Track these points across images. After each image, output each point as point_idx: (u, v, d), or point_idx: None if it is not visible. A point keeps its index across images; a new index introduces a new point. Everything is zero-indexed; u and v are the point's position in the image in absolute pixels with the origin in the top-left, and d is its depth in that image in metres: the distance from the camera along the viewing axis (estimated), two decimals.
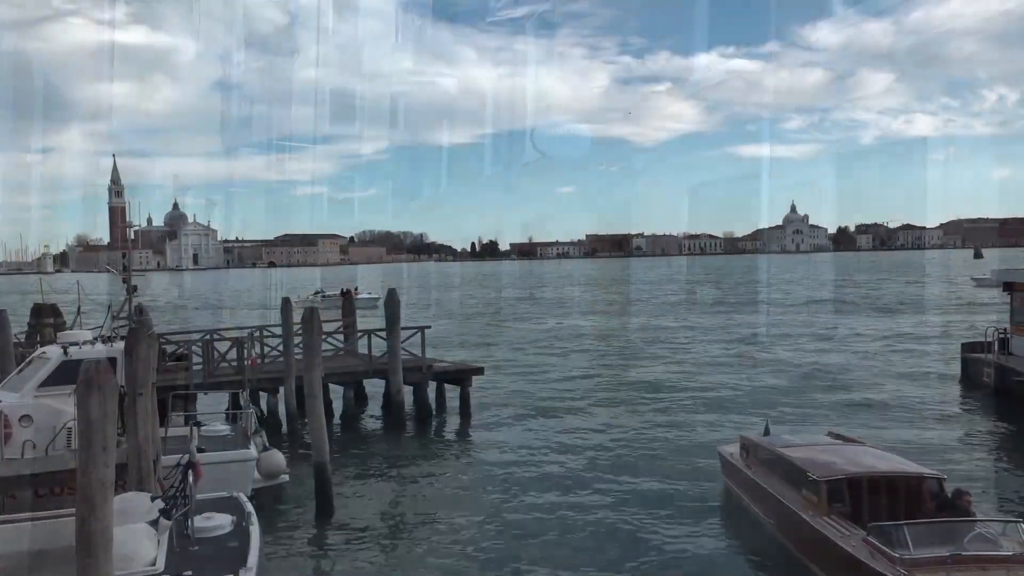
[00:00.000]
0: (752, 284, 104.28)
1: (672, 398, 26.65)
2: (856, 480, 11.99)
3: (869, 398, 26.27)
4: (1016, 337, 25.90)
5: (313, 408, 15.89)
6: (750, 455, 14.91)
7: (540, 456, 19.56)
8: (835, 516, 11.48)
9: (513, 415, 24.57)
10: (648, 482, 17.07)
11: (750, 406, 24.90)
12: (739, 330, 48.58)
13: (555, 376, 32.34)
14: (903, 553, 9.66)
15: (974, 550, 9.59)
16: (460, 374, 24.96)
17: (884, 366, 32.71)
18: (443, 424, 23.76)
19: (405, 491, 17.20)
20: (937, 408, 24.50)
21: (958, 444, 20.19)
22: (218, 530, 10.27)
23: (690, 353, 38.23)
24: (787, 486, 12.95)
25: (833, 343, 40.65)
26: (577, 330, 51.37)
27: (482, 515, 15.27)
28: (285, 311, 23.96)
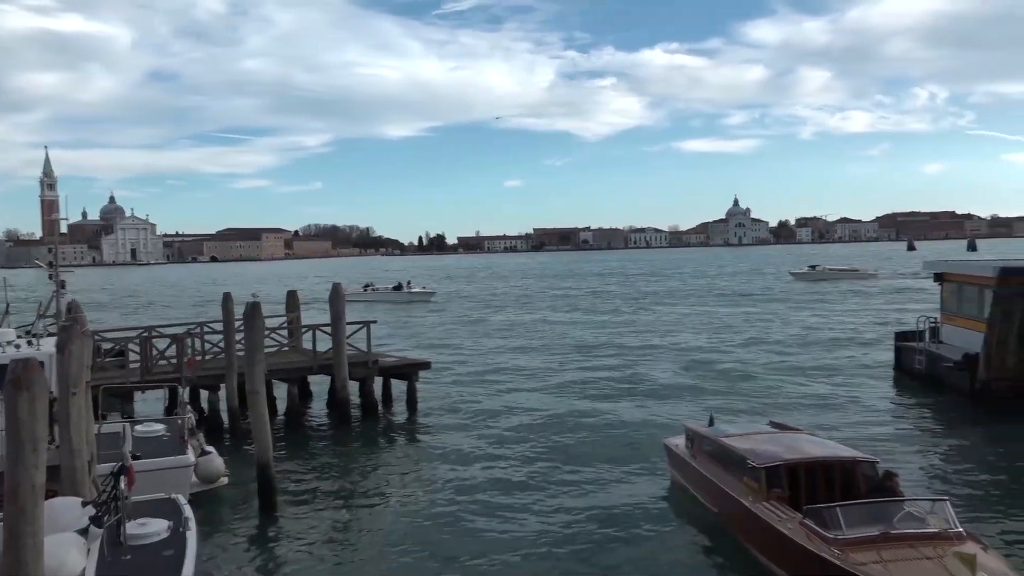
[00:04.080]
0: (695, 277, 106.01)
1: (617, 390, 26.93)
2: (793, 466, 12.34)
3: (809, 387, 26.99)
4: (945, 326, 26.87)
5: (255, 405, 15.61)
6: (695, 445, 15.19)
7: (486, 450, 19.58)
8: (774, 501, 11.78)
9: (460, 409, 24.53)
10: (594, 473, 17.25)
11: (694, 398, 25.35)
12: (685, 322, 49.38)
13: (501, 370, 32.39)
14: (837, 533, 9.99)
15: (903, 528, 9.98)
16: (406, 368, 24.79)
17: (823, 356, 33.61)
18: (390, 419, 23.59)
19: (351, 488, 17.02)
20: (872, 395, 25.30)
21: (891, 428, 20.88)
22: (153, 536, 9.86)
23: (636, 346, 38.67)
24: (729, 474, 13.24)
25: (773, 334, 41.62)
26: (523, 324, 51.54)
27: (429, 510, 15.23)
28: (226, 307, 23.44)
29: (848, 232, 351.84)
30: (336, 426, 22.54)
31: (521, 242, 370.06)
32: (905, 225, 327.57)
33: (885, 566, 9.25)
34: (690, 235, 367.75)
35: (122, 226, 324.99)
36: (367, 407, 23.50)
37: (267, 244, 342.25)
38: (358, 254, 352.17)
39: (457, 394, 26.94)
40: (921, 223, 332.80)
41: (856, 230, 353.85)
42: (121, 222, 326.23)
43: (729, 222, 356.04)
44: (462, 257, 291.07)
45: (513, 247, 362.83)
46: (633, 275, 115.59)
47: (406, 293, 73.58)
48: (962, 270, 27.17)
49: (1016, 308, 21.67)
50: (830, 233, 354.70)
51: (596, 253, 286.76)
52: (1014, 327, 21.64)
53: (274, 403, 23.12)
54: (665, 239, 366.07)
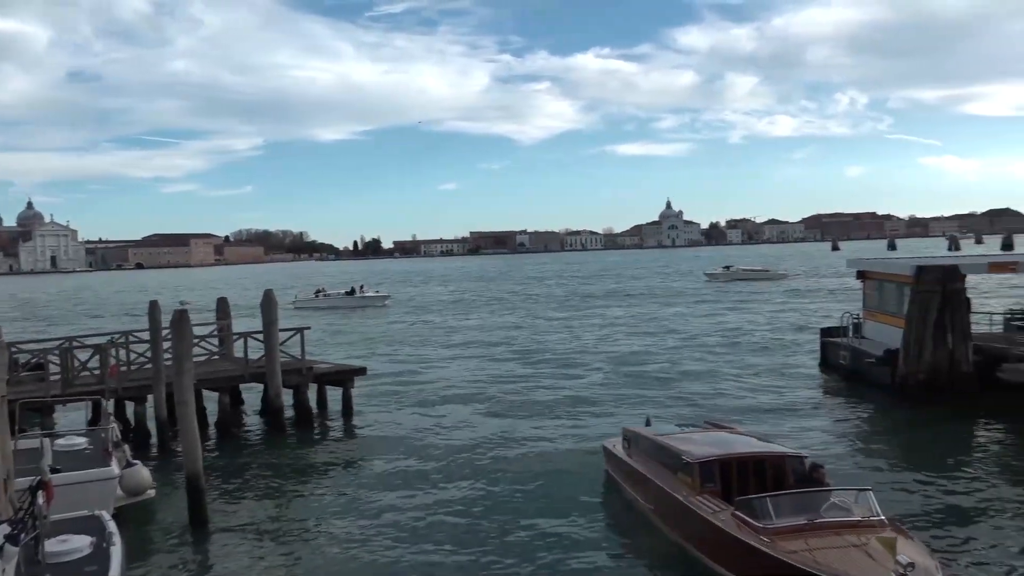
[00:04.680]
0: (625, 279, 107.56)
1: (554, 395, 26.94)
2: (726, 461, 12.64)
3: (740, 385, 27.66)
4: (867, 322, 27.92)
5: (184, 416, 15.15)
6: (632, 446, 15.40)
7: (424, 455, 19.44)
8: (707, 495, 12.06)
9: (397, 415, 24.33)
10: (532, 476, 17.26)
11: (630, 400, 25.61)
12: (617, 324, 50.05)
13: (439, 374, 32.25)
14: (767, 523, 10.33)
15: (829, 517, 10.40)
16: (342, 375, 24.45)
17: (751, 355, 34.51)
18: (325, 427, 23.23)
19: (285, 498, 16.69)
20: (800, 390, 26.11)
21: (818, 422, 21.59)
22: (74, 554, 9.48)
23: (570, 350, 38.98)
24: (665, 471, 13.47)
25: (701, 334, 42.54)
26: (460, 328, 51.45)
27: (365, 518, 15.03)
28: (153, 315, 22.72)
29: (776, 233, 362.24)
30: (269, 435, 22.07)
31: (458, 245, 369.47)
32: (829, 226, 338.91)
33: (812, 552, 9.61)
34: (625, 237, 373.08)
35: (41, 232, 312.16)
36: (301, 415, 23.09)
37: (196, 250, 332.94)
38: (292, 259, 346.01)
39: (395, 399, 26.71)
40: (844, 223, 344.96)
41: (784, 231, 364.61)
42: (40, 228, 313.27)
43: (662, 224, 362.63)
44: (398, 261, 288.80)
45: (450, 251, 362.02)
46: (568, 277, 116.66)
47: (359, 298, 73.08)
48: (882, 268, 28.28)
49: (932, 304, 22.62)
50: (759, 234, 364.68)
51: (533, 256, 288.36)
52: (930, 323, 22.59)
53: (204, 413, 22.52)
54: (600, 241, 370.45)
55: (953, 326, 22.58)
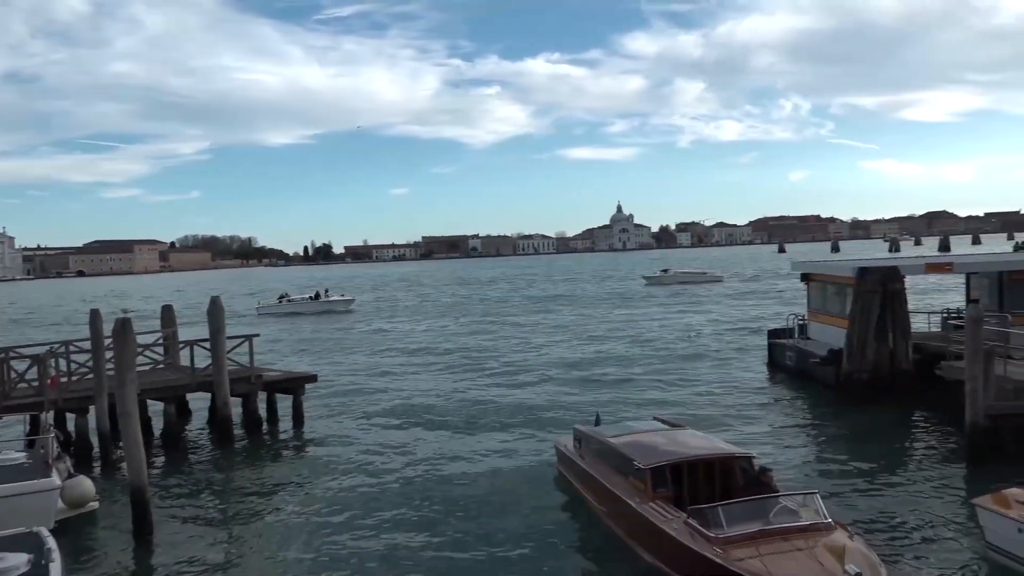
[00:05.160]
0: (577, 282, 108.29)
1: (506, 396, 27.09)
2: (677, 466, 12.77)
3: (690, 384, 28.07)
4: (812, 323, 28.60)
5: (127, 427, 14.74)
6: (582, 446, 15.47)
7: (375, 462, 19.25)
8: (659, 501, 12.15)
9: (348, 422, 24.07)
10: (484, 478, 17.29)
11: (581, 399, 25.80)
12: (567, 326, 50.32)
13: (392, 379, 32.03)
14: (718, 532, 10.46)
15: (779, 523, 10.55)
16: (292, 382, 24.10)
17: (701, 355, 35.03)
18: (275, 436, 22.86)
19: (232, 509, 16.35)
20: (748, 390, 26.58)
21: (766, 421, 22.01)
22: (11, 572, 9.16)
23: (520, 352, 39.08)
24: (616, 474, 13.55)
25: (652, 334, 43.06)
26: (414, 332, 51.17)
27: (315, 527, 14.82)
28: (94, 324, 22.06)
29: (725, 236, 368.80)
30: (217, 445, 21.62)
31: (410, 250, 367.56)
32: (776, 228, 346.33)
33: (762, 560, 9.75)
34: (576, 241, 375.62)
35: None
36: (250, 424, 22.67)
37: (140, 257, 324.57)
38: (240, 265, 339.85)
39: (347, 406, 26.43)
40: (790, 226, 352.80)
41: (732, 234, 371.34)
42: None
43: (613, 228, 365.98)
44: (350, 267, 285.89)
45: (402, 255, 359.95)
46: (519, 281, 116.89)
47: (324, 302, 72.42)
48: (825, 271, 29.01)
49: (874, 304, 23.27)
50: (708, 237, 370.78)
51: (485, 260, 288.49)
52: (872, 323, 23.22)
53: (149, 424, 21.96)
54: (552, 245, 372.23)
55: (894, 326, 23.26)
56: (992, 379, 16.67)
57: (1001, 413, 16.56)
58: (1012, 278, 25.47)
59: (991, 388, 16.59)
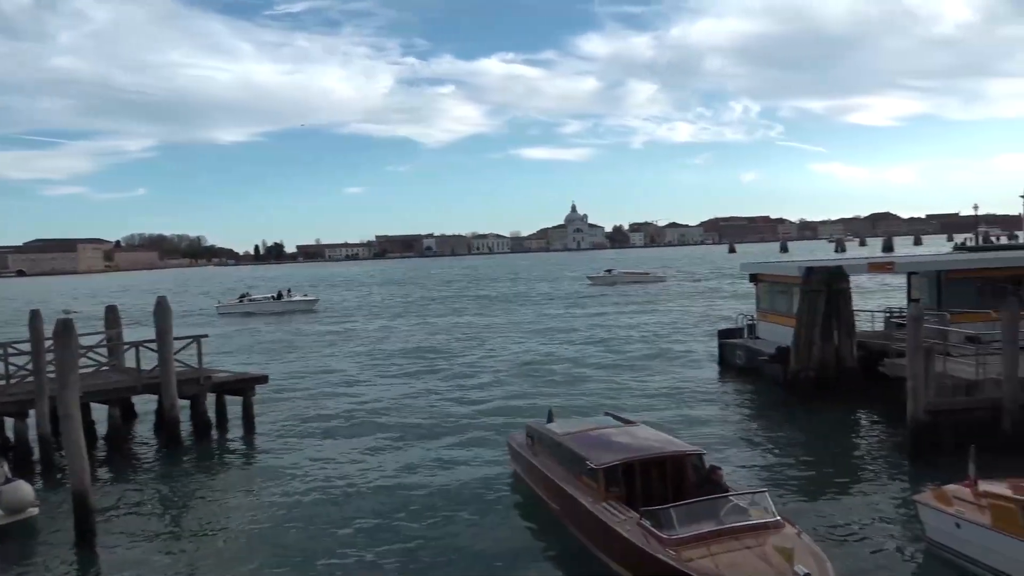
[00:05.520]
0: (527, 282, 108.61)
1: (458, 394, 27.06)
2: (629, 465, 12.86)
3: (642, 382, 28.37)
4: (761, 322, 29.14)
5: (69, 431, 14.33)
6: (535, 443, 15.51)
7: (327, 464, 19.04)
8: (612, 500, 12.23)
9: (299, 423, 23.75)
10: (437, 479, 17.21)
11: (534, 397, 25.84)
12: (518, 326, 50.44)
13: (345, 378, 31.74)
14: (670, 533, 10.58)
15: (729, 522, 10.72)
16: (242, 384, 23.68)
17: (654, 352, 35.41)
18: (224, 438, 22.43)
19: (180, 515, 16.01)
20: (699, 388, 26.98)
21: (716, 419, 22.38)
22: None
23: (473, 351, 39.05)
24: (569, 473, 13.61)
25: (606, 332, 43.41)
26: (367, 333, 50.74)
27: (264, 530, 14.61)
28: (34, 325, 21.38)
29: (677, 236, 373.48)
30: (164, 448, 21.14)
31: (363, 250, 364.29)
32: (726, 229, 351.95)
33: (714, 560, 9.91)
34: (531, 241, 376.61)
35: None
36: (199, 427, 22.22)
37: (84, 256, 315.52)
38: (188, 265, 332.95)
39: (299, 407, 26.11)
40: (740, 227, 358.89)
41: (684, 234, 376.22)
42: None
43: (568, 228, 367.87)
44: (302, 266, 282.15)
45: (355, 255, 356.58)
46: (471, 281, 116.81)
47: (287, 302, 71.45)
48: (773, 271, 29.60)
49: (820, 303, 23.81)
50: (661, 237, 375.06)
51: (440, 260, 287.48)
52: (818, 321, 23.76)
53: (92, 427, 21.41)
54: (507, 245, 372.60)
55: (839, 324, 23.83)
56: (932, 376, 17.19)
57: (940, 409, 17.09)
58: (950, 277, 26.31)
59: (931, 385, 17.10)
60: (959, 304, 24.33)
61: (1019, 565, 10.47)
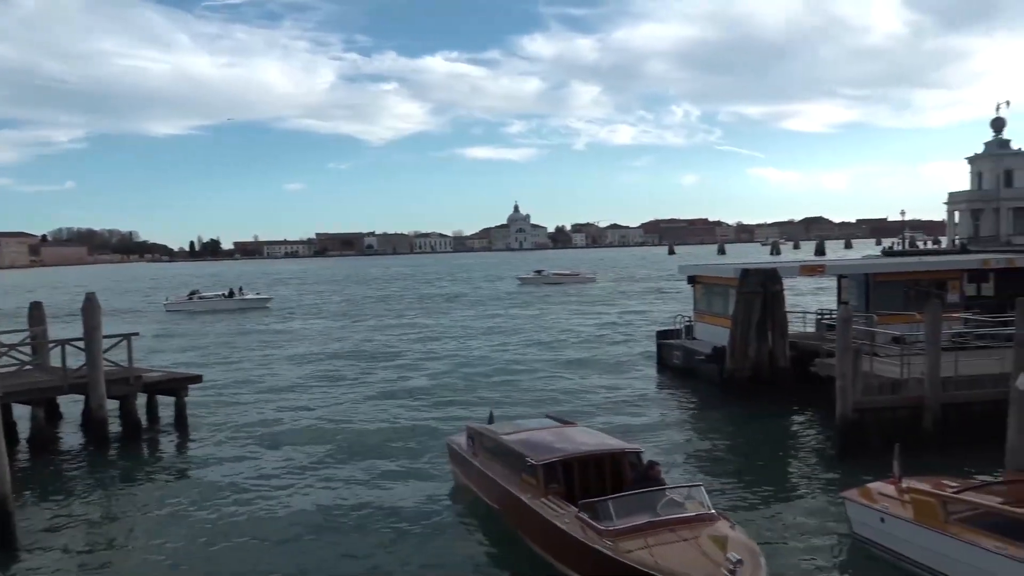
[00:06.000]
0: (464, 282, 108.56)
1: (397, 395, 26.80)
2: (568, 462, 12.98)
3: (582, 382, 28.61)
4: (698, 323, 29.67)
5: None
6: (476, 444, 15.49)
7: (262, 466, 18.66)
8: (552, 496, 12.32)
9: (236, 425, 23.20)
10: (376, 479, 17.08)
11: (475, 399, 25.86)
12: (459, 324, 50.37)
13: (284, 380, 31.15)
14: (608, 525, 10.73)
15: (665, 515, 10.94)
16: (174, 383, 23.07)
17: (594, 353, 35.76)
18: (155, 440, 21.79)
19: (106, 519, 15.46)
20: (638, 388, 27.37)
21: (655, 418, 22.73)
22: None
23: (412, 351, 38.83)
24: (509, 471, 13.65)
25: (549, 332, 43.68)
26: (306, 333, 49.95)
27: (196, 536, 14.22)
28: None
29: (618, 237, 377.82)
30: (91, 450, 20.44)
31: (303, 247, 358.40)
32: (666, 231, 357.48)
33: (650, 551, 10.10)
34: (474, 240, 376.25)
35: None
36: (129, 427, 21.55)
37: (8, 251, 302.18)
38: (120, 261, 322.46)
39: (235, 407, 25.54)
40: (680, 229, 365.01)
41: (625, 235, 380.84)
42: None
43: (510, 228, 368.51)
44: (240, 263, 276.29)
45: (295, 252, 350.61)
46: (414, 279, 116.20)
47: (239, 300, 69.81)
48: (710, 273, 30.15)
49: (755, 304, 24.39)
50: (602, 238, 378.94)
51: (381, 258, 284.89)
52: (753, 322, 24.33)
53: (13, 428, 20.58)
54: (450, 244, 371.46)
55: (773, 325, 24.46)
56: (859, 375, 17.76)
57: (867, 407, 17.67)
58: (877, 280, 27.26)
59: (859, 383, 17.67)
60: (886, 306, 25.21)
61: (939, 557, 10.90)
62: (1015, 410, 13.67)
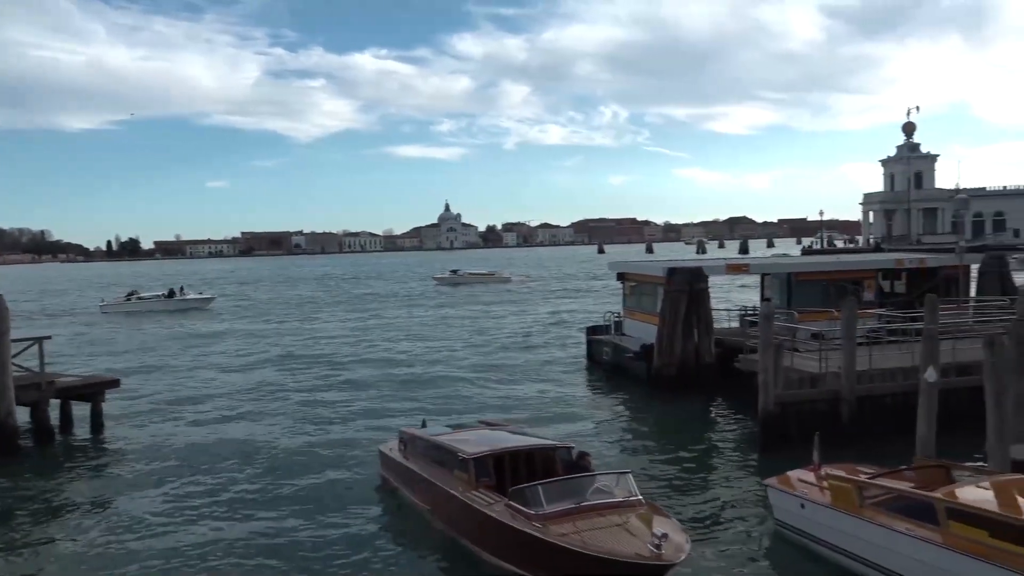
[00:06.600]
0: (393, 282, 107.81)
1: (326, 403, 25.93)
2: (499, 456, 13.07)
3: (512, 379, 28.72)
4: (627, 320, 30.14)
5: None
6: (408, 447, 15.39)
7: (185, 474, 18.00)
8: (483, 489, 12.37)
9: (157, 430, 22.41)
10: (305, 489, 16.58)
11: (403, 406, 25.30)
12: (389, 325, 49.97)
13: (208, 382, 30.29)
14: (538, 510, 10.94)
15: (594, 500, 11.23)
16: (90, 388, 22.12)
17: (525, 350, 35.95)
18: (69, 448, 20.83)
19: (14, 533, 14.67)
20: (568, 384, 27.66)
21: (585, 414, 23.02)
22: None
23: (334, 355, 38.26)
24: (441, 469, 13.63)
25: (477, 333, 43.68)
26: (222, 334, 48.69)
27: (114, 548, 13.67)
28: None
29: (548, 237, 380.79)
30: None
31: (228, 246, 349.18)
32: (596, 230, 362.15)
33: (579, 534, 10.39)
34: (404, 239, 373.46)
35: None
36: (41, 435, 20.62)
37: None
38: (31, 261, 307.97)
39: (157, 413, 24.62)
40: (609, 228, 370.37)
41: (555, 235, 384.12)
42: None
43: (441, 227, 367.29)
44: (161, 263, 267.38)
45: (219, 251, 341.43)
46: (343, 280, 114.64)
47: (179, 300, 67.62)
48: (639, 270, 30.67)
49: (682, 302, 24.91)
50: (533, 237, 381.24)
51: (309, 258, 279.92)
52: (680, 320, 24.86)
53: None
54: (380, 243, 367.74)
55: (699, 322, 25.03)
56: (781, 370, 18.34)
57: (788, 401, 18.27)
58: (798, 278, 28.23)
59: (780, 378, 18.25)
60: (806, 303, 26.11)
61: (855, 540, 11.36)
62: (924, 401, 14.38)
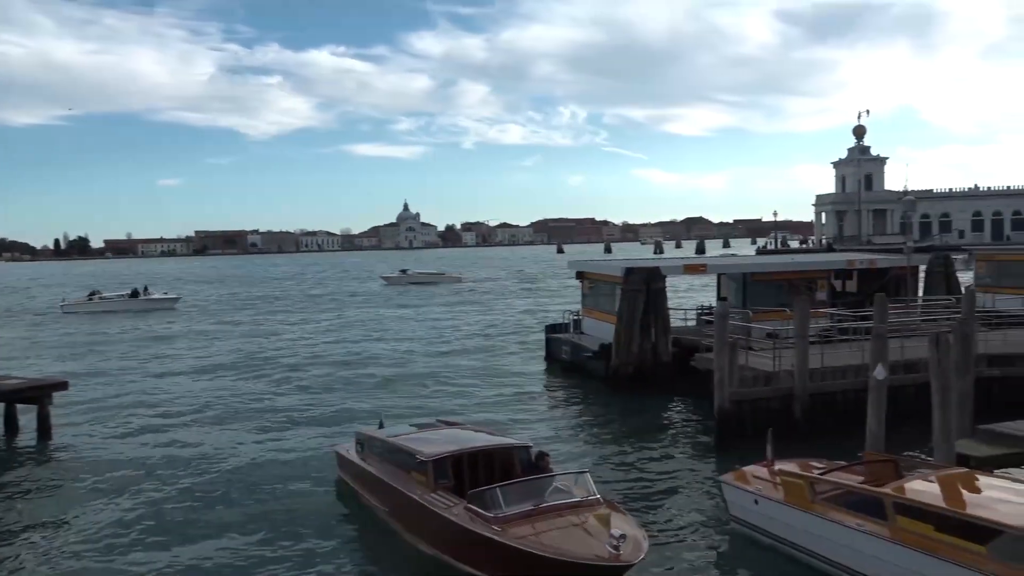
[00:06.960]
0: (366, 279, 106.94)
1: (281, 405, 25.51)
2: (458, 457, 13.01)
3: (470, 378, 28.69)
4: (586, 319, 30.31)
5: None
6: (365, 449, 15.25)
7: (137, 478, 17.55)
8: (441, 491, 12.31)
9: (106, 433, 21.86)
10: (260, 494, 16.25)
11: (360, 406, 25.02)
12: (346, 325, 49.53)
13: (160, 384, 29.66)
14: (497, 512, 10.90)
15: (552, 500, 11.26)
16: (36, 391, 21.44)
17: (483, 349, 35.92)
18: (13, 452, 20.17)
19: None
20: (527, 382, 27.71)
21: (543, 412, 23.10)
22: None
23: (297, 353, 37.83)
24: (399, 471, 13.52)
25: (438, 332, 43.54)
26: (183, 335, 47.77)
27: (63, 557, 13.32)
28: None
29: (508, 236, 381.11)
30: None
31: (181, 245, 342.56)
32: (555, 230, 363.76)
33: (538, 536, 10.39)
34: (363, 239, 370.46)
35: None
36: None
37: None
38: None
39: (107, 415, 23.98)
40: (568, 228, 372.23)
41: (514, 234, 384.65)
42: None
43: (400, 226, 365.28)
44: (112, 262, 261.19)
45: (172, 251, 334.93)
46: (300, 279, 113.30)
47: (144, 300, 66.02)
48: (598, 270, 30.85)
49: (639, 302, 25.13)
50: (492, 237, 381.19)
51: (265, 257, 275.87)
52: (637, 319, 25.07)
53: None
54: (338, 243, 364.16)
55: (656, 322, 25.27)
56: (736, 368, 18.63)
57: (743, 398, 18.56)
58: (754, 279, 28.70)
59: (735, 376, 18.53)
60: (761, 303, 26.54)
61: (806, 535, 11.59)
62: (873, 397, 14.75)
